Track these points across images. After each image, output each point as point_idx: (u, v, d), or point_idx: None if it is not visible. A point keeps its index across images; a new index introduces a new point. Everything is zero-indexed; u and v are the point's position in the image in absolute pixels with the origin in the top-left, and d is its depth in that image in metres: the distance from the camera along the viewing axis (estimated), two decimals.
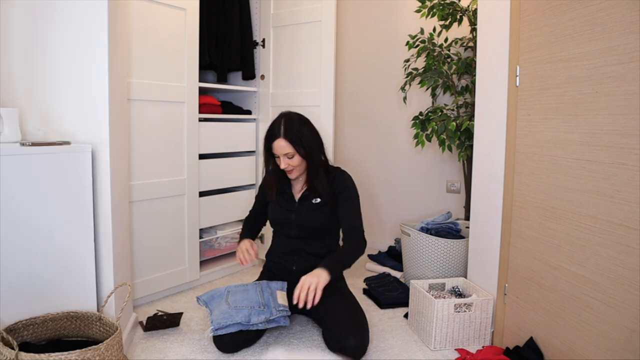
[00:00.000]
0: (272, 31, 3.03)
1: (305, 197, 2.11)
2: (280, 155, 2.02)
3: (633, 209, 1.39)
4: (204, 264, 2.88)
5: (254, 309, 1.90)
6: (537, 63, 1.79)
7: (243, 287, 2.03)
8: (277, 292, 2.02)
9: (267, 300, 1.95)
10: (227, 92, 3.18)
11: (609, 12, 1.46)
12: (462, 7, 2.79)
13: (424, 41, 2.83)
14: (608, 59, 1.47)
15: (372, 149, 3.59)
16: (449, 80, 2.86)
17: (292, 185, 2.17)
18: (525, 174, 1.87)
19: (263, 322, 1.90)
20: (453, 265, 2.48)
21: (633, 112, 1.38)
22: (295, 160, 2.02)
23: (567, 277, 1.65)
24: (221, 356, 1.92)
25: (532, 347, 1.81)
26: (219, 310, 1.92)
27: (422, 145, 2.75)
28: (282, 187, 2.16)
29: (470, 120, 2.45)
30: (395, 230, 3.48)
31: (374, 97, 3.55)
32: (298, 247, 2.12)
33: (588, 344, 1.57)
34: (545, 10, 1.74)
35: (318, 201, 2.08)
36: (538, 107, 1.79)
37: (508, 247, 1.99)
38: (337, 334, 1.88)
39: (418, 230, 2.58)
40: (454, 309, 1.99)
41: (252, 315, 1.88)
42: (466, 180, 2.89)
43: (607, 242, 1.49)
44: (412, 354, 1.97)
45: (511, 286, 1.98)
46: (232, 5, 3.01)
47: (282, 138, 1.99)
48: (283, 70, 3.00)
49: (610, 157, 1.47)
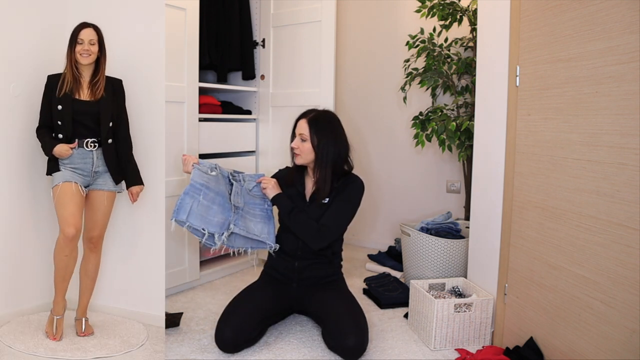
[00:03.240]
0: (272, 31, 3.03)
1: (314, 198, 2.11)
2: (297, 134, 2.06)
3: (633, 209, 1.39)
4: (204, 264, 2.87)
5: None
6: (537, 63, 1.79)
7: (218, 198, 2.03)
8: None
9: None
10: (227, 92, 3.18)
11: (609, 12, 1.46)
12: (462, 7, 2.79)
13: (424, 41, 2.83)
14: (608, 59, 1.47)
15: (372, 149, 3.59)
16: (449, 80, 2.86)
17: (305, 184, 2.16)
18: (525, 174, 1.87)
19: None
20: (453, 265, 2.48)
21: (633, 112, 1.38)
22: (305, 146, 2.03)
23: (567, 277, 1.65)
24: (221, 356, 1.92)
25: (532, 347, 1.81)
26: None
27: (422, 145, 2.75)
28: (296, 185, 2.15)
29: (470, 120, 2.45)
30: (395, 230, 3.48)
31: (374, 97, 3.55)
32: (304, 245, 2.11)
33: (588, 344, 1.57)
34: (545, 10, 1.74)
35: (327, 201, 2.07)
36: (538, 107, 1.79)
37: (508, 247, 1.99)
38: (337, 334, 1.89)
39: (418, 230, 2.58)
40: (454, 309, 1.99)
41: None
42: (466, 180, 2.89)
43: (607, 242, 1.49)
44: (412, 354, 1.97)
45: (511, 286, 1.98)
46: (232, 5, 3.01)
47: (306, 120, 2.05)
48: (283, 70, 3.00)
49: (610, 157, 1.47)
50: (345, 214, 2.05)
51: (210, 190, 1.96)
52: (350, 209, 2.06)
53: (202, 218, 1.91)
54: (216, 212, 1.96)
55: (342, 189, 2.06)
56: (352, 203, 2.06)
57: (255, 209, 2.11)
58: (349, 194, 2.06)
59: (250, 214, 2.08)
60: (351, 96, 3.65)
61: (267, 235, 2.09)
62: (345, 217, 2.05)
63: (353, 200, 2.06)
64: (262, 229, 2.09)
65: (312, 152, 2.04)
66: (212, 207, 1.95)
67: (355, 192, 2.07)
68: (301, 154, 2.05)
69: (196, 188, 1.93)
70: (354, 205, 2.06)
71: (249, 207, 2.09)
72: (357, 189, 2.07)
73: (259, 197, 2.12)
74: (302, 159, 2.06)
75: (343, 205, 2.04)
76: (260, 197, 2.13)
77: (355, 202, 2.07)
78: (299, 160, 2.07)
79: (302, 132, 2.03)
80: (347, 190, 2.06)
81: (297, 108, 2.18)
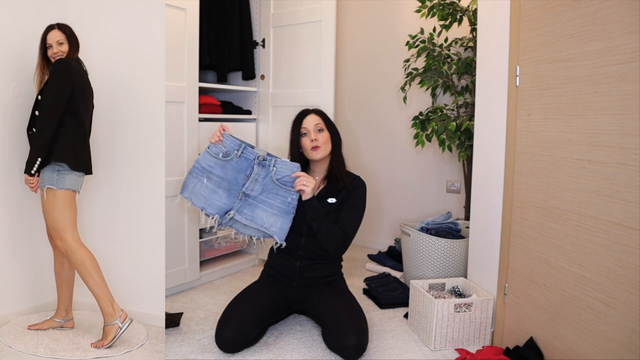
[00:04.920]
0: (272, 31, 3.03)
1: (323, 195, 2.09)
2: (310, 128, 2.05)
3: (633, 209, 1.39)
4: (204, 264, 2.87)
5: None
6: (537, 63, 1.79)
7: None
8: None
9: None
10: (227, 92, 3.18)
11: (609, 12, 1.46)
12: (462, 7, 2.78)
13: (424, 41, 2.83)
14: (608, 59, 1.47)
15: (372, 149, 3.59)
16: (449, 80, 2.86)
17: None
18: (525, 174, 1.87)
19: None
20: (453, 265, 2.48)
21: (633, 112, 1.38)
22: (324, 135, 2.05)
23: (567, 277, 1.65)
24: (221, 356, 1.92)
25: (532, 347, 1.81)
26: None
27: (422, 145, 2.75)
28: None
29: (470, 120, 2.45)
30: (395, 230, 3.48)
31: (374, 97, 3.55)
32: (306, 245, 2.10)
33: (588, 344, 1.57)
34: (545, 10, 1.74)
35: (333, 201, 2.07)
36: (538, 107, 1.79)
37: (508, 247, 1.99)
38: (337, 334, 1.89)
39: (418, 230, 2.58)
40: (454, 309, 1.99)
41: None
42: (466, 180, 2.89)
43: (607, 242, 1.49)
44: (412, 354, 1.97)
45: (511, 286, 1.98)
46: (232, 5, 3.01)
47: (314, 114, 2.08)
48: (283, 70, 3.00)
49: (610, 157, 1.47)
50: (360, 219, 2.09)
51: (214, 175, 1.96)
52: (362, 213, 2.10)
53: (205, 199, 1.95)
54: (221, 195, 1.96)
55: (350, 193, 2.07)
56: (362, 207, 2.10)
57: (276, 199, 1.97)
58: (359, 198, 2.09)
59: (267, 204, 1.97)
60: (351, 96, 3.65)
61: (277, 230, 1.96)
62: (359, 222, 2.08)
63: (362, 204, 2.10)
64: (275, 221, 1.97)
65: (329, 143, 2.07)
66: (218, 190, 1.96)
67: (363, 195, 2.11)
68: (321, 145, 2.04)
69: (199, 170, 1.96)
70: (363, 209, 2.11)
71: (266, 196, 1.97)
72: (364, 191, 2.11)
73: (283, 188, 1.96)
74: (323, 151, 2.05)
75: (356, 211, 2.07)
76: (285, 189, 1.96)
77: (364, 205, 2.11)
78: (319, 153, 2.04)
79: (318, 122, 2.06)
80: (355, 194, 2.08)
81: (297, 108, 2.18)
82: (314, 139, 2.03)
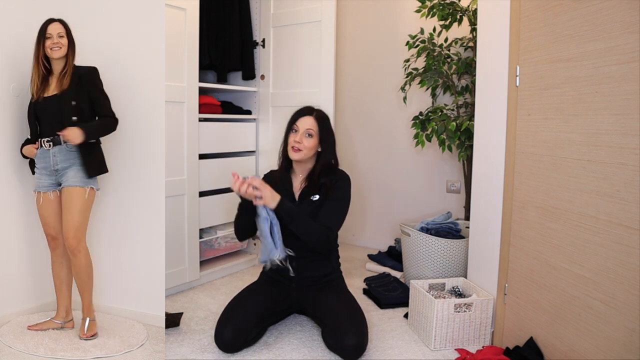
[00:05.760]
0: (272, 31, 3.03)
1: (305, 193, 2.10)
2: (301, 130, 2.03)
3: (633, 209, 1.39)
4: (204, 264, 2.87)
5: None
6: (537, 63, 1.79)
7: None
8: None
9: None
10: (227, 92, 3.18)
11: (609, 12, 1.46)
12: (462, 7, 2.78)
13: (424, 41, 2.83)
14: (608, 59, 1.47)
15: (372, 149, 3.58)
16: (449, 80, 2.86)
17: (292, 182, 2.16)
18: (525, 174, 1.87)
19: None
20: (453, 265, 2.48)
21: (633, 112, 1.38)
22: (311, 142, 2.03)
23: (567, 277, 1.65)
24: (221, 356, 1.92)
25: (532, 347, 1.81)
26: None
27: (422, 145, 2.75)
28: (283, 184, 2.15)
29: (470, 120, 2.45)
30: (395, 230, 3.48)
31: (374, 97, 3.55)
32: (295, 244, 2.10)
33: (588, 344, 1.57)
34: (545, 10, 1.74)
35: (317, 198, 2.07)
36: (538, 107, 1.79)
37: (508, 247, 1.99)
38: (336, 334, 1.89)
39: (418, 230, 2.58)
40: (454, 309, 1.99)
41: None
42: (466, 180, 2.89)
43: (607, 242, 1.49)
44: (412, 354, 1.97)
45: (511, 286, 1.98)
46: (232, 5, 3.01)
47: (313, 117, 2.06)
48: (283, 70, 3.00)
49: (610, 157, 1.47)
50: (342, 211, 2.07)
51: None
52: (345, 205, 2.08)
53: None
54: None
55: (331, 187, 2.06)
56: (345, 198, 2.09)
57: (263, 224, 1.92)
58: (340, 190, 2.07)
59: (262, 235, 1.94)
60: (351, 96, 3.65)
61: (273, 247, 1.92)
62: (342, 213, 2.07)
63: (346, 195, 2.08)
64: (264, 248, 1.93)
65: (315, 149, 2.06)
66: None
67: (346, 187, 2.09)
68: (304, 149, 2.03)
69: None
70: (347, 200, 2.09)
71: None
72: (346, 183, 2.10)
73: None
74: (302, 154, 2.05)
75: (338, 203, 2.05)
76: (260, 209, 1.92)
77: (347, 196, 2.09)
78: (298, 155, 2.05)
79: (310, 128, 2.03)
80: (337, 187, 2.07)
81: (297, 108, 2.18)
82: (298, 141, 2.03)
